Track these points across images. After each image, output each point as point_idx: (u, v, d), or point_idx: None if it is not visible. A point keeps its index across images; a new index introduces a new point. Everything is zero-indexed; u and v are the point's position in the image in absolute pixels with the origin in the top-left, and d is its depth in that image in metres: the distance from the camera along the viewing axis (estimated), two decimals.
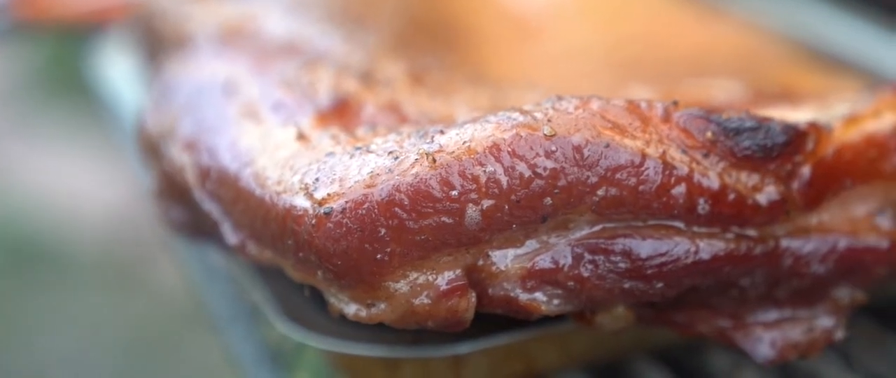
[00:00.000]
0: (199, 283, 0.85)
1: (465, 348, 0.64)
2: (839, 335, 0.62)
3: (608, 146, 0.57)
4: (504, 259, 0.58)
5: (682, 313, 0.62)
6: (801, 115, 0.66)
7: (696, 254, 0.58)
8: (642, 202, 0.58)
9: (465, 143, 0.57)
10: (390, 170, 0.56)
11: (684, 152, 0.58)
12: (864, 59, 0.92)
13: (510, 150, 0.56)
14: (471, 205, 0.56)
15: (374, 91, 0.68)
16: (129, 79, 0.99)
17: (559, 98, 0.59)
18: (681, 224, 0.59)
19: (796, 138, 0.59)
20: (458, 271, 0.57)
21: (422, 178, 0.56)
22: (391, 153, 0.57)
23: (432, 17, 0.90)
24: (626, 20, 0.97)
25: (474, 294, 0.58)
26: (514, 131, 0.57)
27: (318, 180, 0.57)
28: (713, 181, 0.58)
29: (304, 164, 0.59)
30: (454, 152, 0.56)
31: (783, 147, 0.59)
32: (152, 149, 0.69)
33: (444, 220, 0.56)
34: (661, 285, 0.58)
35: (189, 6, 0.81)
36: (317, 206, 0.56)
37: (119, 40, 1.06)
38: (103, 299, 1.81)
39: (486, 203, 0.56)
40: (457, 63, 0.80)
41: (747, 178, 0.59)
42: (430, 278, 0.57)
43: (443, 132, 0.58)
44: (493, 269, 0.58)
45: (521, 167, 0.56)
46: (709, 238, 0.59)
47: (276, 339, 0.77)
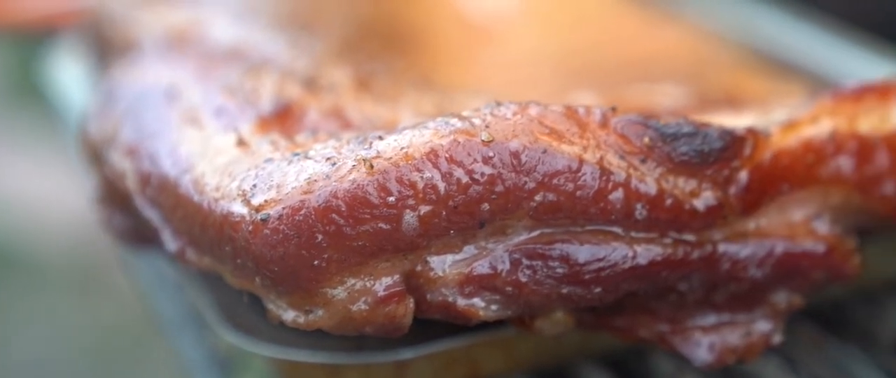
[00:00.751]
0: (148, 290, 0.85)
1: (407, 354, 0.64)
2: (777, 339, 0.62)
3: (545, 152, 0.57)
4: (442, 265, 0.58)
5: (622, 318, 0.62)
6: (742, 120, 0.66)
7: (634, 259, 0.59)
8: (580, 207, 0.58)
9: (402, 149, 0.57)
10: (328, 176, 0.56)
11: (622, 158, 0.58)
12: (813, 64, 0.93)
13: (448, 155, 0.57)
14: (408, 211, 0.56)
15: (317, 97, 0.68)
16: (81, 84, 0.99)
17: (498, 104, 0.59)
18: (619, 229, 0.59)
19: (733, 144, 0.60)
20: (396, 277, 0.57)
21: (359, 185, 0.56)
22: (329, 159, 0.57)
23: (384, 22, 0.91)
24: (579, 27, 0.97)
25: (412, 300, 0.58)
26: (452, 137, 0.57)
27: (255, 186, 0.57)
28: (650, 186, 0.59)
29: (243, 170, 0.59)
30: (392, 158, 0.56)
31: (720, 152, 0.59)
32: (95, 155, 0.69)
33: (382, 226, 0.56)
34: (599, 290, 0.59)
35: (137, 11, 0.81)
36: (254, 212, 0.56)
37: (71, 45, 1.05)
38: (71, 304, 1.81)
39: (424, 209, 0.56)
40: (405, 68, 0.80)
41: (685, 184, 0.59)
42: (368, 284, 0.57)
43: (381, 138, 0.58)
44: (432, 274, 0.58)
45: (459, 173, 0.57)
46: (646, 243, 0.59)
47: (225, 345, 0.77)
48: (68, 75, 1.01)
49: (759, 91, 0.81)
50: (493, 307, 0.59)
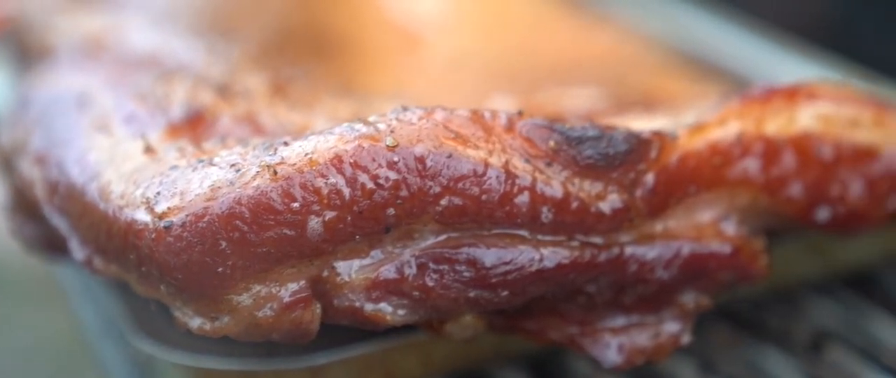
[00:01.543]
0: (70, 298, 0.84)
1: (321, 359, 0.64)
2: (685, 339, 0.63)
3: (451, 156, 0.57)
4: (349, 270, 0.58)
5: (533, 321, 0.62)
6: (654, 122, 0.67)
7: (541, 261, 0.59)
8: (486, 211, 0.58)
9: (307, 155, 0.57)
10: (232, 182, 0.56)
11: (527, 161, 0.59)
12: (738, 66, 0.94)
13: (352, 161, 0.57)
14: (313, 216, 0.56)
15: (231, 103, 0.68)
16: (4, 92, 0.98)
17: (404, 109, 0.59)
18: (525, 232, 0.59)
19: (639, 147, 0.60)
20: (302, 283, 0.57)
21: (263, 191, 0.56)
22: (234, 166, 0.57)
23: (312, 28, 0.90)
24: (508, 31, 0.98)
25: (319, 305, 0.58)
26: (357, 142, 0.57)
27: (159, 194, 0.57)
28: (556, 190, 0.59)
29: (148, 177, 0.58)
30: (296, 164, 0.56)
31: (625, 155, 0.60)
32: (5, 163, 0.68)
33: (286, 232, 0.56)
34: (506, 293, 0.59)
35: (55, 17, 0.81)
36: (157, 219, 0.56)
37: None
38: (29, 312, 1.78)
39: (329, 214, 0.56)
40: (326, 74, 0.80)
41: (590, 187, 0.60)
42: (274, 290, 0.57)
43: (287, 144, 0.58)
44: (338, 280, 0.58)
45: (364, 178, 0.57)
46: (553, 246, 0.59)
47: (144, 353, 0.76)
48: None
49: (679, 93, 0.82)
50: (401, 312, 0.59)
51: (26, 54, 0.82)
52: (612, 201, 0.60)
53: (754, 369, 0.71)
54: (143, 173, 0.59)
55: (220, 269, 0.56)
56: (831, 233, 0.66)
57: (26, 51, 0.82)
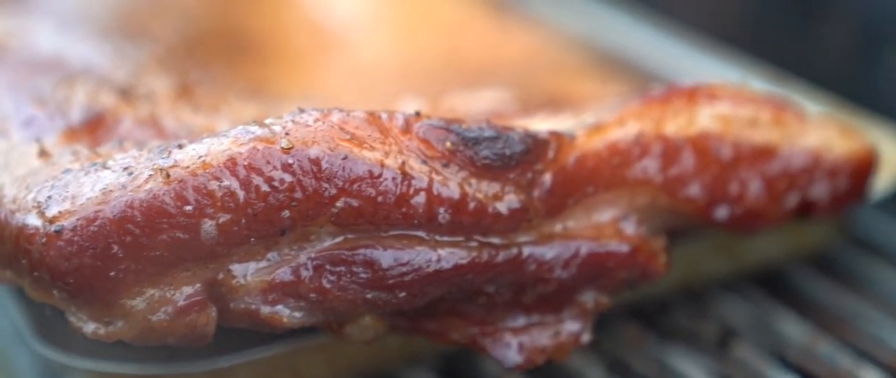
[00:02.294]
0: None
1: (225, 362, 0.64)
2: (585, 338, 0.63)
3: (346, 158, 0.58)
4: (245, 272, 0.58)
5: (434, 322, 0.63)
6: (558, 123, 0.67)
7: (438, 262, 0.59)
8: (382, 213, 0.58)
9: (200, 157, 0.57)
10: (124, 186, 0.56)
11: (424, 163, 0.59)
12: (657, 67, 0.94)
13: (246, 163, 0.57)
14: (206, 220, 0.56)
15: (134, 105, 0.67)
16: None
17: (301, 111, 0.59)
18: (423, 233, 0.59)
19: (535, 147, 0.60)
20: (198, 286, 0.57)
21: (155, 194, 0.56)
22: (126, 169, 0.57)
23: (228, 29, 0.90)
24: (428, 32, 0.98)
25: (215, 308, 0.58)
26: (251, 145, 0.57)
27: (50, 198, 0.56)
28: (453, 191, 0.59)
29: (40, 181, 0.58)
30: (189, 167, 0.56)
31: (522, 156, 0.60)
32: None
33: (180, 235, 0.56)
34: (404, 294, 0.59)
35: None
36: (48, 224, 0.56)
37: None
38: None
39: (223, 218, 0.56)
40: (239, 76, 0.80)
41: (488, 187, 0.60)
42: (168, 294, 0.57)
43: (181, 147, 0.58)
44: (234, 282, 0.58)
45: (258, 181, 0.57)
46: (451, 247, 0.60)
47: (57, 361, 0.76)
48: None
49: (592, 94, 0.83)
50: (298, 314, 0.59)
51: None
52: (509, 202, 0.60)
53: (662, 367, 0.71)
54: (36, 177, 0.59)
55: (112, 274, 0.55)
56: (731, 232, 0.67)
57: None
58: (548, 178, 0.61)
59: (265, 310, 0.58)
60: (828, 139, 0.68)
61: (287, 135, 0.57)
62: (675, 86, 0.67)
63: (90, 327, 0.57)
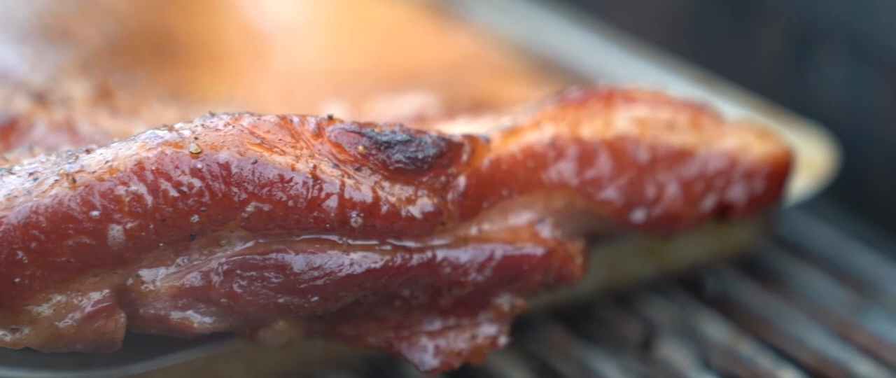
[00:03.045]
0: None
1: (139, 368, 0.63)
2: (502, 341, 0.63)
3: (256, 162, 0.57)
4: (154, 278, 0.58)
5: (351, 326, 0.62)
6: (477, 126, 0.67)
7: (351, 266, 0.59)
8: (293, 217, 0.58)
9: (108, 162, 0.56)
10: (29, 192, 0.55)
11: (336, 166, 0.59)
12: (591, 70, 0.95)
13: (154, 168, 0.56)
14: (114, 225, 0.56)
15: (49, 110, 0.67)
16: None
17: (212, 115, 0.59)
18: (335, 237, 0.59)
19: (448, 150, 0.60)
20: (106, 292, 0.57)
21: (60, 200, 0.55)
22: (32, 174, 0.56)
23: (157, 32, 0.89)
24: (362, 36, 0.97)
25: (124, 314, 0.57)
26: (160, 149, 0.57)
27: None
28: (366, 194, 0.59)
29: None
30: (96, 172, 0.56)
31: (435, 159, 0.60)
32: None
33: (86, 240, 0.55)
34: (316, 299, 0.59)
35: None
36: None
37: None
38: None
39: (130, 223, 0.56)
40: (165, 79, 0.79)
41: (401, 191, 0.60)
42: (76, 300, 0.56)
43: (89, 152, 0.57)
44: (143, 288, 0.57)
45: (166, 185, 0.56)
46: (364, 250, 0.59)
47: None
48: None
49: (520, 97, 0.83)
50: (208, 319, 0.58)
51: None
52: (422, 205, 0.60)
53: (585, 371, 0.72)
54: None
55: (17, 280, 0.55)
56: (648, 234, 0.67)
57: None
58: (462, 182, 0.61)
59: (175, 315, 0.58)
60: (745, 142, 0.68)
61: (196, 139, 0.57)
62: (592, 88, 0.67)
63: None
